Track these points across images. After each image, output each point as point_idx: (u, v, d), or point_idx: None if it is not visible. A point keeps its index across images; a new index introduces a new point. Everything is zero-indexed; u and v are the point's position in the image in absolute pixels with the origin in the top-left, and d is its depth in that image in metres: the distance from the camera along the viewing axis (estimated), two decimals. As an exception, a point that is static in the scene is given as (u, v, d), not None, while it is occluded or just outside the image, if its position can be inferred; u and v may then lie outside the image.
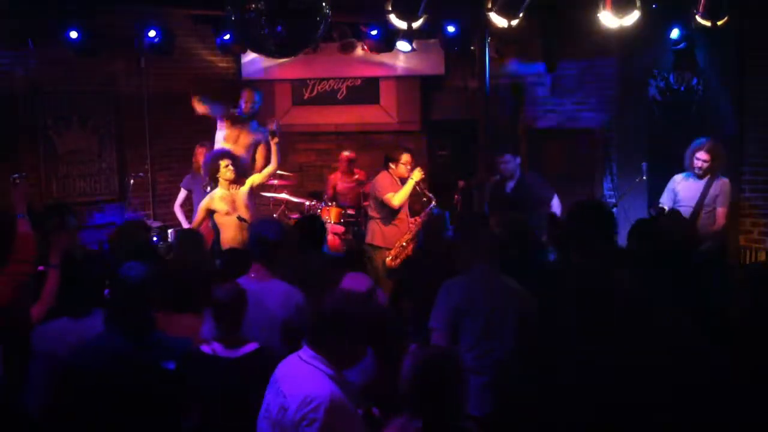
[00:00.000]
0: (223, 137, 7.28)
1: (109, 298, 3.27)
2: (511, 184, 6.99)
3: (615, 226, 4.39)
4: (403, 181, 6.95)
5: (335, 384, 2.82)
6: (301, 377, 2.84)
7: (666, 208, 6.13)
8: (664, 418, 2.83)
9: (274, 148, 6.77)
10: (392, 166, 6.99)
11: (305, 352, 2.89)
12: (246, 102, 7.33)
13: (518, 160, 7.05)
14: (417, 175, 6.87)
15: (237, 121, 7.29)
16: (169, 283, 3.88)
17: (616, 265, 3.97)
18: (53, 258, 3.94)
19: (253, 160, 7.39)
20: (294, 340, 3.82)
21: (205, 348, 3.48)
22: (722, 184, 6.19)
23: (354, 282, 3.85)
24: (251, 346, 3.51)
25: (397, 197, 6.89)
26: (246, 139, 7.25)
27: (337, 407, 2.75)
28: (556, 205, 6.88)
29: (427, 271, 4.89)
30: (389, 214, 6.98)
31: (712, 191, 6.14)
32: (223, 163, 6.38)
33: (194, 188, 7.76)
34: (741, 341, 3.18)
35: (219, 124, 7.41)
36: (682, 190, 6.26)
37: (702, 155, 6.13)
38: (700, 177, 6.18)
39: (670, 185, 6.36)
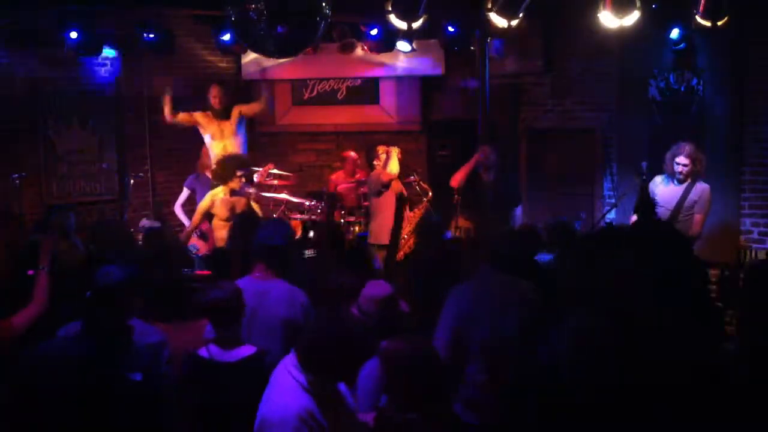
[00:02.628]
0: (210, 138, 7.42)
1: (85, 303, 3.17)
2: (490, 178, 6.99)
3: None
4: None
5: (310, 396, 2.77)
6: (276, 389, 2.82)
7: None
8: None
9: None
10: (375, 163, 7.50)
11: (291, 360, 2.86)
12: (214, 97, 7.58)
13: (495, 155, 7.07)
14: (395, 149, 7.35)
15: (212, 118, 7.44)
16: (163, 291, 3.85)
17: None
18: (42, 261, 3.91)
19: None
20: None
21: (202, 352, 3.45)
22: (702, 190, 6.11)
23: (375, 289, 3.81)
24: (248, 350, 3.46)
25: (390, 167, 7.28)
26: (230, 127, 7.40)
27: (306, 421, 2.71)
28: (518, 212, 6.90)
29: (427, 273, 4.86)
30: (388, 207, 7.23)
31: (691, 196, 6.09)
32: (239, 173, 6.49)
33: (198, 188, 7.76)
34: (742, 342, 3.18)
35: (201, 129, 7.61)
36: (662, 193, 6.22)
37: (682, 160, 6.09)
38: (680, 182, 6.17)
39: (650, 187, 6.35)
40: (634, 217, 6.14)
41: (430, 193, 7.24)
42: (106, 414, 3.02)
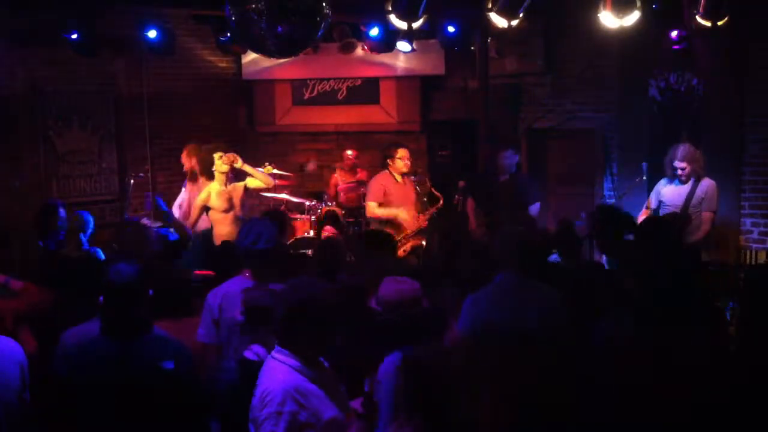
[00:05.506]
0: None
1: (101, 302, 3.21)
2: (502, 179, 6.99)
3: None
4: (403, 176, 6.99)
5: (301, 375, 2.84)
6: (267, 374, 2.89)
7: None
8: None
9: (254, 173, 6.65)
10: (390, 162, 6.99)
11: (275, 349, 2.94)
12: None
13: (517, 158, 7.04)
14: (403, 214, 6.85)
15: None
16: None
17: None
18: None
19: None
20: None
21: (249, 354, 3.44)
22: (708, 186, 6.10)
23: (388, 288, 3.75)
24: None
25: (372, 210, 6.91)
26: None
27: (295, 398, 2.78)
28: (534, 209, 6.84)
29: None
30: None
31: (698, 193, 6.08)
32: (217, 155, 6.41)
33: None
34: (743, 343, 3.18)
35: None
36: (667, 194, 6.22)
37: (679, 164, 6.08)
38: (683, 182, 6.16)
39: (656, 188, 6.35)
40: (643, 215, 6.16)
41: (441, 201, 7.10)
42: (147, 406, 3.08)
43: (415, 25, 6.23)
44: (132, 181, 8.32)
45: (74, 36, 7.37)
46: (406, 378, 2.73)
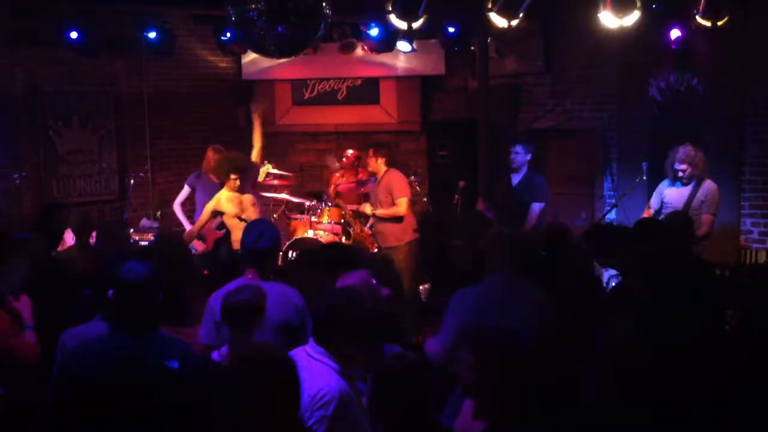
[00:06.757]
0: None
1: (112, 299, 3.23)
2: (516, 179, 6.96)
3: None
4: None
5: (343, 380, 2.84)
6: (312, 373, 2.84)
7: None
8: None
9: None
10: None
11: (312, 348, 2.92)
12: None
13: (529, 156, 6.98)
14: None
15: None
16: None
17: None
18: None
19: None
20: (294, 341, 3.80)
21: (215, 355, 3.44)
22: (709, 189, 6.09)
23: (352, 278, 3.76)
24: None
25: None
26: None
27: (346, 403, 2.77)
28: (535, 209, 6.78)
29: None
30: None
31: (699, 195, 6.07)
32: (233, 176, 6.59)
33: (198, 187, 7.74)
34: (740, 342, 3.19)
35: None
36: (669, 195, 6.22)
37: (680, 165, 6.08)
38: (685, 184, 6.16)
39: (658, 188, 6.35)
40: (646, 214, 6.16)
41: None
42: (152, 405, 3.08)
43: (415, 25, 6.23)
44: (132, 181, 8.33)
45: (74, 36, 7.37)
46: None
